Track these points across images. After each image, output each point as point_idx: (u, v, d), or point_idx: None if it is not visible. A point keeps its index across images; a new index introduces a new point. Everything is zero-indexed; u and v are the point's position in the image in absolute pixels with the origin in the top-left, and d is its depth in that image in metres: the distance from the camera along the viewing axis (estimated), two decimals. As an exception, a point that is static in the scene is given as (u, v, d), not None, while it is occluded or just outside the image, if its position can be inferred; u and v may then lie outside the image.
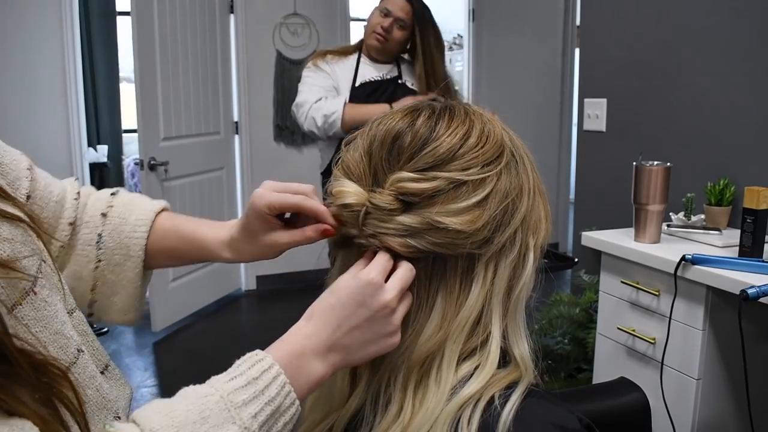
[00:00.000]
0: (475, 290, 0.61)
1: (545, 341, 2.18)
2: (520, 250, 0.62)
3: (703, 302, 1.48)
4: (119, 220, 0.76)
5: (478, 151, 0.60)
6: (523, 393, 0.59)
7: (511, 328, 0.63)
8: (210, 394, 0.52)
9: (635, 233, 1.70)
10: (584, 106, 2.40)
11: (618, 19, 2.24)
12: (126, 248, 0.75)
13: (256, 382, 0.53)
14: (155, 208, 0.79)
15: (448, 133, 0.61)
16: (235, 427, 0.51)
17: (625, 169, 1.85)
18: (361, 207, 0.61)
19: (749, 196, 1.51)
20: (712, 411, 1.54)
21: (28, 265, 0.55)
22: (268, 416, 0.53)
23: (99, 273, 0.75)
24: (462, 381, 0.60)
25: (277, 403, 0.53)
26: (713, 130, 1.92)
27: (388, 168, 0.62)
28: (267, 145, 3.98)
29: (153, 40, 3.08)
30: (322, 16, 3.99)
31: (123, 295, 0.77)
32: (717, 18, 1.89)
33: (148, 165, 3.10)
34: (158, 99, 3.15)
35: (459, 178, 0.59)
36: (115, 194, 0.79)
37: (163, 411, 0.50)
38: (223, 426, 0.50)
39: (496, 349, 0.61)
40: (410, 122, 0.62)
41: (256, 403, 0.52)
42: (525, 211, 0.62)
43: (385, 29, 2.25)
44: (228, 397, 0.52)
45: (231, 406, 0.51)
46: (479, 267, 0.61)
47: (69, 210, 0.74)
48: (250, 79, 3.88)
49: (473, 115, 0.64)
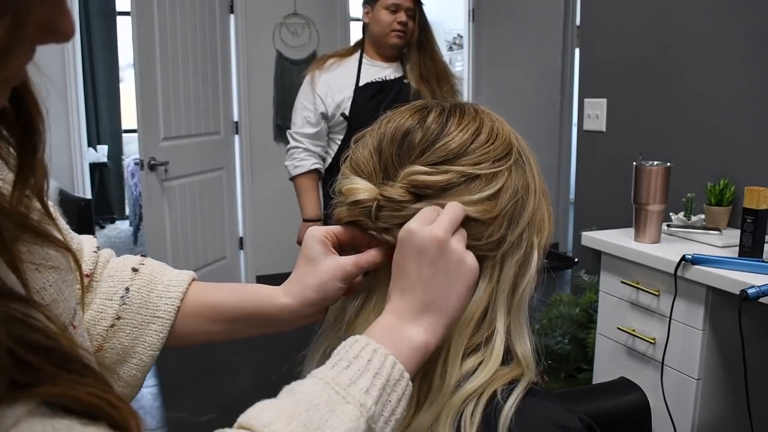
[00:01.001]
0: (482, 286, 0.62)
1: (545, 341, 2.18)
2: (525, 249, 0.63)
3: (703, 302, 1.48)
4: (151, 277, 0.68)
5: (489, 147, 0.62)
6: (525, 390, 0.60)
7: (513, 325, 0.64)
8: (314, 384, 0.49)
9: (635, 233, 1.70)
10: (584, 106, 2.40)
11: (618, 19, 2.25)
12: (154, 307, 0.66)
13: (357, 361, 0.50)
14: (189, 275, 0.70)
15: (459, 129, 0.62)
16: (350, 406, 0.48)
17: (625, 169, 1.85)
18: (372, 202, 0.61)
19: (749, 196, 1.51)
20: (712, 411, 1.54)
21: (70, 296, 0.51)
22: (380, 390, 0.50)
23: (112, 333, 0.65)
24: (466, 376, 0.60)
25: (385, 376, 0.50)
26: (713, 130, 1.92)
27: (399, 163, 0.62)
28: (267, 145, 3.98)
29: (153, 40, 3.08)
30: (322, 16, 3.99)
31: (131, 366, 0.66)
32: (717, 18, 1.89)
33: (148, 165, 3.10)
34: (158, 99, 3.15)
35: (471, 171, 0.61)
36: (144, 256, 0.73)
37: (270, 407, 0.47)
38: (337, 409, 0.47)
39: (500, 345, 0.62)
40: (420, 119, 0.64)
41: (364, 379, 0.49)
42: (532, 209, 0.64)
43: (403, 23, 2.26)
44: (334, 381, 0.49)
45: (339, 388, 0.49)
46: (487, 264, 0.62)
47: (87, 262, 0.67)
48: (250, 79, 3.88)
49: (483, 114, 0.65)
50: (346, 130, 2.28)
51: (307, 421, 0.46)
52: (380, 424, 0.49)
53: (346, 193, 0.63)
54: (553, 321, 2.20)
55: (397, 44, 2.29)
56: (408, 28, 2.27)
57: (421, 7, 2.31)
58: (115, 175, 5.48)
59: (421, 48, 2.30)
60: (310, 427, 0.45)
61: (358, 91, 2.28)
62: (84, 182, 4.16)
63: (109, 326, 0.64)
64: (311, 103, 2.31)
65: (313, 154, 2.32)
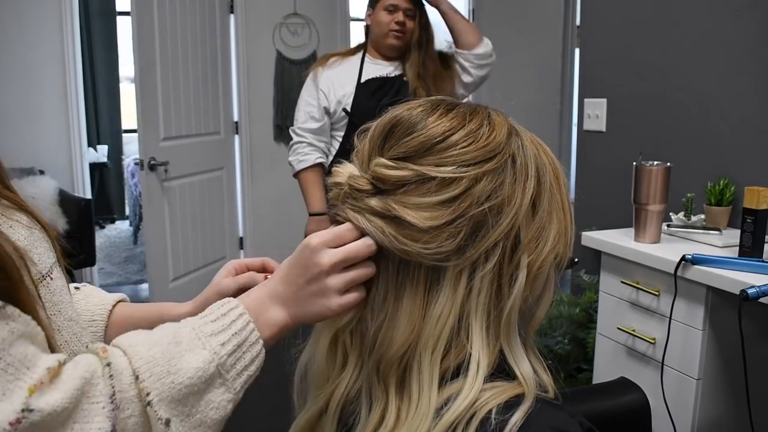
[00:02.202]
0: (442, 300, 0.59)
1: (545, 341, 2.18)
2: (502, 268, 0.60)
3: (703, 302, 1.48)
4: (88, 292, 0.82)
5: (458, 150, 0.59)
6: (526, 413, 0.57)
7: (507, 347, 0.61)
8: (182, 326, 0.59)
9: (635, 233, 1.70)
10: (584, 106, 2.40)
11: (618, 19, 2.24)
12: (91, 314, 0.79)
13: (224, 318, 0.60)
14: (118, 295, 0.85)
15: (431, 126, 0.60)
16: (205, 352, 0.57)
17: (625, 169, 1.85)
18: (345, 186, 0.63)
19: (749, 196, 1.51)
20: (712, 411, 1.54)
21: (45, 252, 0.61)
22: (235, 347, 0.58)
23: None
24: (449, 400, 0.58)
25: (243, 337, 0.59)
26: (713, 130, 1.92)
27: (378, 153, 0.62)
28: (267, 145, 3.98)
29: (153, 40, 3.07)
30: (322, 16, 3.99)
31: None
32: (717, 18, 1.89)
33: (148, 165, 3.09)
34: (158, 99, 3.15)
35: (426, 172, 0.59)
36: None
37: (141, 334, 0.58)
38: (194, 350, 0.56)
39: (476, 369, 0.59)
40: (410, 109, 0.62)
41: (224, 335, 0.58)
42: (510, 225, 0.59)
43: (400, 24, 2.26)
44: (199, 329, 0.58)
45: (201, 335, 0.58)
46: (447, 277, 0.59)
47: None
48: (250, 79, 3.88)
49: (477, 115, 0.62)
50: (347, 126, 2.28)
51: (167, 351, 0.55)
52: (232, 374, 0.58)
53: (332, 174, 0.65)
54: (553, 321, 2.20)
55: (396, 45, 2.29)
56: (406, 29, 2.27)
57: (422, 8, 2.32)
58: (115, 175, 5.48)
59: (421, 48, 2.30)
60: (167, 356, 0.55)
61: (360, 87, 2.29)
62: (84, 182, 4.16)
63: None
64: (314, 99, 2.32)
65: (317, 149, 2.32)
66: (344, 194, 0.63)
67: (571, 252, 0.65)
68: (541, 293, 0.64)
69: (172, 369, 0.54)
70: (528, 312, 0.65)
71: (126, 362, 0.54)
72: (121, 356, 0.54)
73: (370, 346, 0.63)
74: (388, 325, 0.61)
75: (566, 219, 0.64)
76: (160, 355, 0.55)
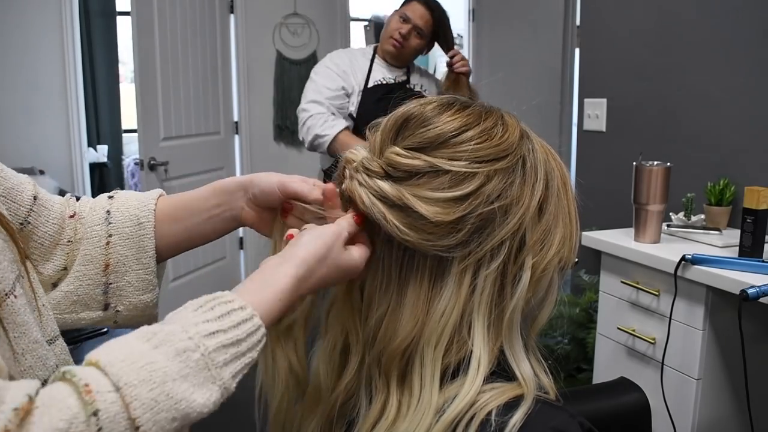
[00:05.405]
0: (446, 295, 0.60)
1: (545, 341, 2.18)
2: (506, 267, 0.61)
3: (703, 302, 1.48)
4: (125, 199, 0.77)
5: (472, 146, 0.60)
6: (525, 415, 0.57)
7: (508, 348, 0.62)
8: (191, 350, 0.48)
9: (635, 233, 1.70)
10: (584, 106, 2.40)
11: (618, 19, 2.24)
12: (136, 219, 0.74)
13: (240, 344, 0.51)
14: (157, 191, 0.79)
15: (446, 120, 0.61)
16: (215, 387, 0.49)
17: (625, 169, 1.85)
18: (356, 163, 0.63)
19: (749, 196, 1.51)
20: (712, 411, 1.54)
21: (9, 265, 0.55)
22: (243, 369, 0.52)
23: (111, 249, 0.73)
24: (449, 400, 0.59)
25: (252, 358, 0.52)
26: (713, 130, 1.92)
27: (390, 143, 0.63)
28: (267, 145, 3.97)
29: (153, 40, 3.07)
30: (322, 16, 3.99)
31: (138, 272, 0.74)
32: (717, 18, 1.89)
33: (148, 165, 3.09)
34: (158, 99, 3.15)
35: (439, 164, 0.59)
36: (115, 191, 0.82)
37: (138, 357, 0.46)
38: (204, 385, 0.48)
39: (477, 368, 0.59)
40: (423, 105, 0.63)
41: (237, 364, 0.51)
42: (517, 225, 0.60)
43: (403, 35, 2.23)
44: (210, 356, 0.49)
45: (212, 365, 0.49)
46: (452, 273, 0.60)
47: (71, 207, 0.75)
48: (250, 79, 3.88)
49: (491, 115, 0.63)
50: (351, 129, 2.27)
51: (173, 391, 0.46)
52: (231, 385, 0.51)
53: (345, 156, 0.65)
54: (553, 321, 2.20)
55: (390, 52, 2.27)
56: (407, 43, 2.25)
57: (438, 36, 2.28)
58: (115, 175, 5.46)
59: None
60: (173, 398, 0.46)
61: (366, 92, 2.28)
62: (84, 182, 4.16)
63: (104, 245, 0.73)
64: (333, 80, 2.24)
65: (340, 117, 2.22)
66: (355, 168, 0.63)
67: (575, 257, 0.65)
68: (544, 296, 0.65)
69: (177, 414, 0.46)
70: (530, 314, 0.65)
71: (120, 407, 0.43)
72: (114, 399, 0.43)
73: (372, 336, 0.63)
74: (391, 316, 0.62)
75: (572, 225, 0.65)
76: (164, 398, 0.45)
